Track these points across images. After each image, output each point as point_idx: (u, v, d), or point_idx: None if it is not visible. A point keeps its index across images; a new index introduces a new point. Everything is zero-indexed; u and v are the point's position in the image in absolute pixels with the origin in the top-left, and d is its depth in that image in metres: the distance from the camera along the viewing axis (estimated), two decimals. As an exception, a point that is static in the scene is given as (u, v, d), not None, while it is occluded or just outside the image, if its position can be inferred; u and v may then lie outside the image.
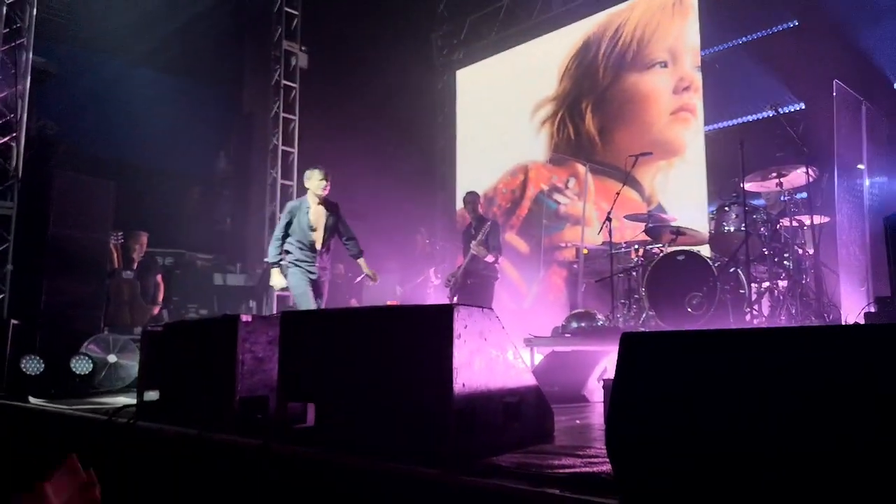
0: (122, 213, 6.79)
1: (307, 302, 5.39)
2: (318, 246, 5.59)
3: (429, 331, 2.21)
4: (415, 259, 9.56)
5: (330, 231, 5.66)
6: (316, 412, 2.50)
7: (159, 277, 7.45)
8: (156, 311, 7.32)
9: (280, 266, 5.53)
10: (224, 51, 10.89)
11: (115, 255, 6.90)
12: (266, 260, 5.60)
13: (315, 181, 5.57)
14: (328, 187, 5.59)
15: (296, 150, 10.17)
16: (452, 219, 10.80)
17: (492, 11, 10.49)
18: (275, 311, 8.88)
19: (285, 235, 5.56)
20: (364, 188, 9.36)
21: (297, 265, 5.49)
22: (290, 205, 5.78)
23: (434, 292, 8.90)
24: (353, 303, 8.86)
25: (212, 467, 2.55)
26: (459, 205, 10.77)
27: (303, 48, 10.40)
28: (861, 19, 6.37)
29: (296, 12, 10.32)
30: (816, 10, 6.83)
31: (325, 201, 5.64)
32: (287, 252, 5.54)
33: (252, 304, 9.27)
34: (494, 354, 2.31)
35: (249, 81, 11.27)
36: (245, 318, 2.78)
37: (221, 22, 10.54)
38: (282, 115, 10.11)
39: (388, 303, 8.41)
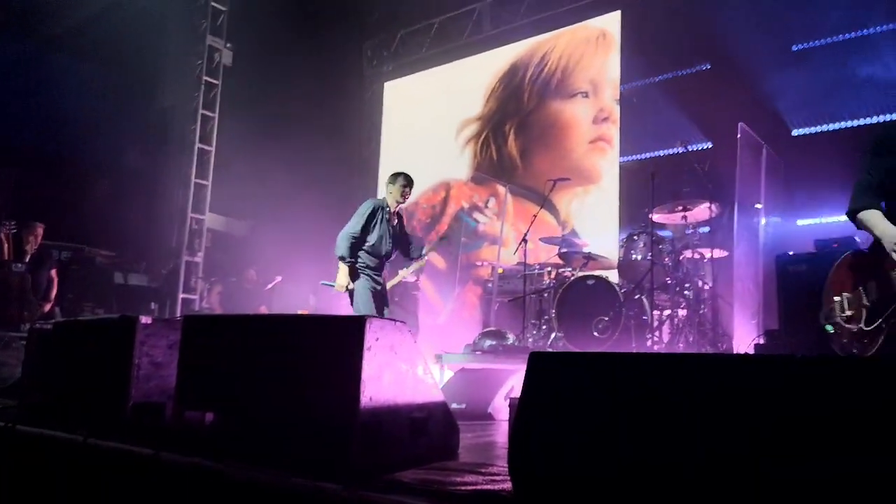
0: (19, 202, 6.37)
1: (370, 313, 4.94)
2: (389, 257, 5.25)
3: (339, 342, 2.17)
4: (331, 269, 9.41)
5: (397, 242, 5.31)
6: (215, 421, 2.40)
7: (53, 272, 6.99)
8: (47, 307, 6.85)
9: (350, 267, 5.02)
10: (143, 40, 10.44)
11: (6, 245, 6.43)
12: (341, 255, 5.02)
13: (398, 186, 5.21)
14: (409, 196, 5.26)
15: (213, 149, 9.85)
16: (372, 230, 10.73)
17: (424, 27, 10.57)
18: (178, 315, 8.52)
19: (363, 236, 5.08)
20: (282, 193, 9.17)
21: (365, 273, 5.07)
22: (372, 203, 5.24)
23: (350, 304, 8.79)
24: (263, 310, 8.63)
25: (98, 476, 2.40)
26: (379, 217, 10.74)
27: (228, 45, 10.12)
28: (768, 68, 6.83)
29: (223, 7, 10.05)
30: (727, 56, 7.27)
31: (397, 212, 5.28)
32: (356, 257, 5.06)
33: (154, 306, 8.86)
34: (404, 369, 2.29)
35: (169, 74, 10.86)
36: (144, 319, 2.64)
37: (142, 10, 10.12)
38: (201, 111, 9.78)
39: (300, 312, 8.23)
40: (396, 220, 5.29)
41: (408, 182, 5.25)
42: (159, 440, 2.41)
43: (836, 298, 2.56)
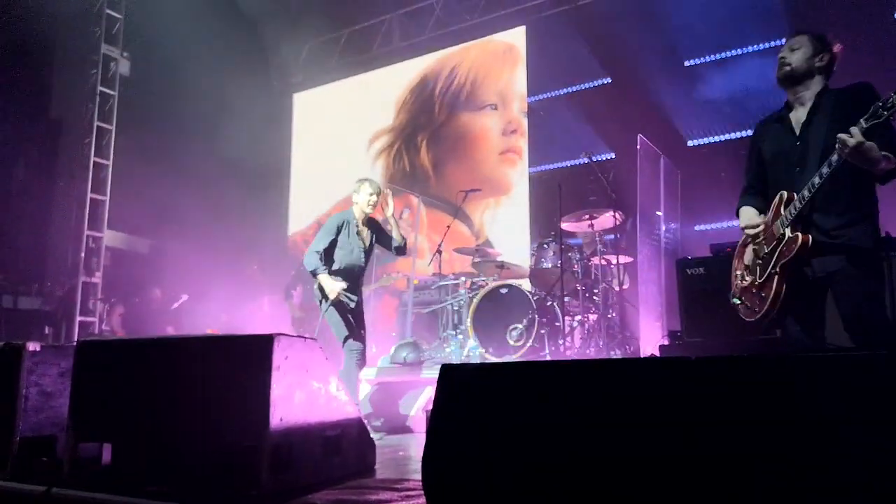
0: None
1: (341, 332, 4.57)
2: (363, 271, 4.88)
3: (246, 362, 2.10)
4: (242, 286, 9.13)
5: (371, 253, 4.95)
6: (113, 453, 2.27)
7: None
8: (-77, 337, 6.28)
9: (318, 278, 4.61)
10: (31, 46, 9.79)
11: None
12: (313, 270, 4.60)
13: (363, 196, 4.82)
14: (379, 205, 4.86)
15: (110, 163, 9.35)
16: (284, 245, 10.50)
17: (333, 38, 10.48)
18: (75, 339, 8.00)
19: (329, 251, 4.70)
20: (187, 208, 8.81)
21: None
22: (337, 217, 4.86)
23: (264, 321, 8.53)
24: (171, 330, 8.25)
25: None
26: (292, 230, 10.52)
27: (125, 54, 9.65)
28: (665, 82, 7.20)
29: (118, 15, 9.58)
30: (627, 70, 7.61)
31: (368, 219, 4.93)
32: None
33: (49, 330, 8.29)
34: (316, 387, 2.25)
35: (60, 84, 10.22)
36: (32, 346, 2.46)
37: (28, 13, 9.48)
38: (96, 123, 9.27)
39: (209, 331, 7.93)
40: (368, 232, 4.93)
41: (374, 190, 4.86)
42: (52, 476, 2.25)
43: (738, 272, 2.83)
